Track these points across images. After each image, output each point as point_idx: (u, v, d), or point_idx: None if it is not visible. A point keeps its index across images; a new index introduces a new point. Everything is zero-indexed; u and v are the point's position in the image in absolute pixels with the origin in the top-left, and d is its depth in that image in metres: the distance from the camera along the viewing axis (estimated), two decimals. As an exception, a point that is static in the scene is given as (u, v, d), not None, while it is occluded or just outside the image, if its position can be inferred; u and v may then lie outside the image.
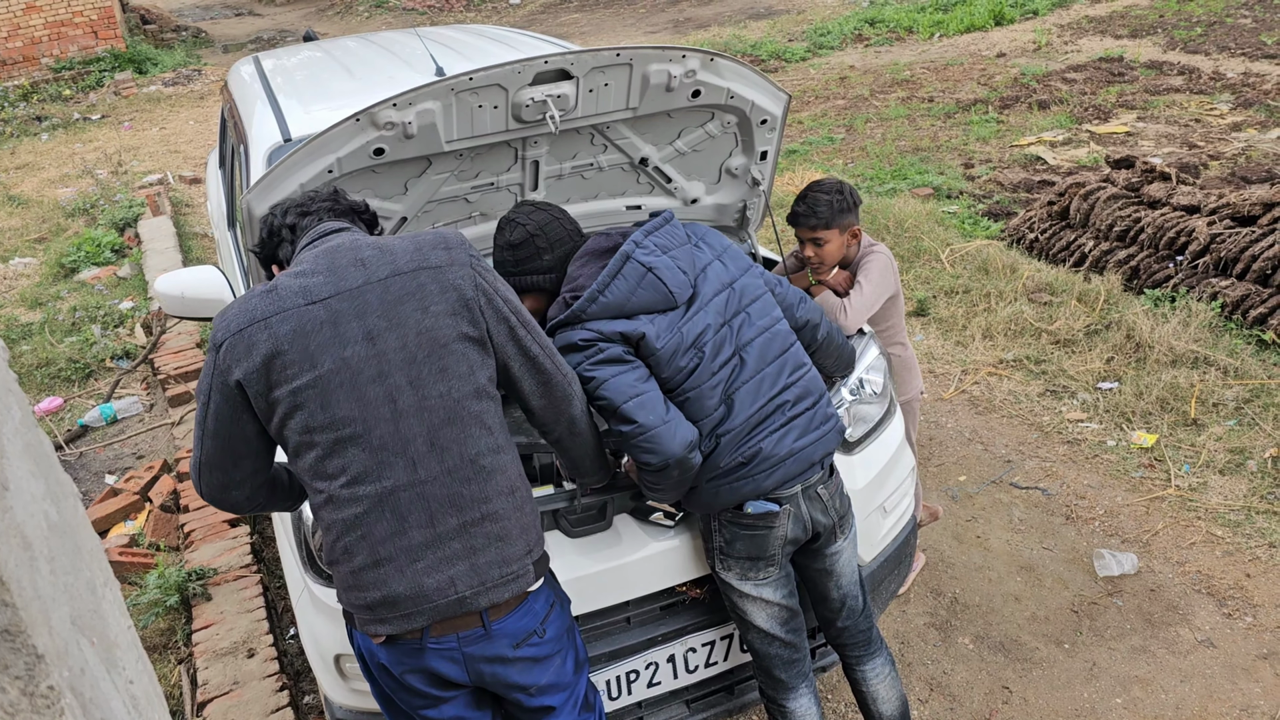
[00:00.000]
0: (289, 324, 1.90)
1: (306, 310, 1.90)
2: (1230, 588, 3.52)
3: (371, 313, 1.92)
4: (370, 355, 1.90)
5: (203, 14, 20.87)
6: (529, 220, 2.44)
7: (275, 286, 1.95)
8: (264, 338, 1.89)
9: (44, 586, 0.75)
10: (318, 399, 1.89)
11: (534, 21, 16.70)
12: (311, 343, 1.89)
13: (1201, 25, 11.49)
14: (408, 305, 1.93)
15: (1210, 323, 4.93)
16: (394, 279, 1.95)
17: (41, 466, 0.83)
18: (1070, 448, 4.37)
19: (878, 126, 9.14)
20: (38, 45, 14.48)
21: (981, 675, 3.26)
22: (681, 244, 2.39)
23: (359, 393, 1.90)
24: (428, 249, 2.00)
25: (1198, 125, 8.22)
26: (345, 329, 1.90)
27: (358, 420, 1.90)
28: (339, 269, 1.95)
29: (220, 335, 1.93)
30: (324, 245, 2.03)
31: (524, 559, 2.01)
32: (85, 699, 0.76)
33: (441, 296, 1.96)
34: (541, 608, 2.07)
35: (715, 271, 2.41)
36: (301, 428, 1.91)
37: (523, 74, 2.52)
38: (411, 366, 1.92)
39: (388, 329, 1.91)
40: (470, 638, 1.98)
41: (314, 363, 1.89)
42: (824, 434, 2.41)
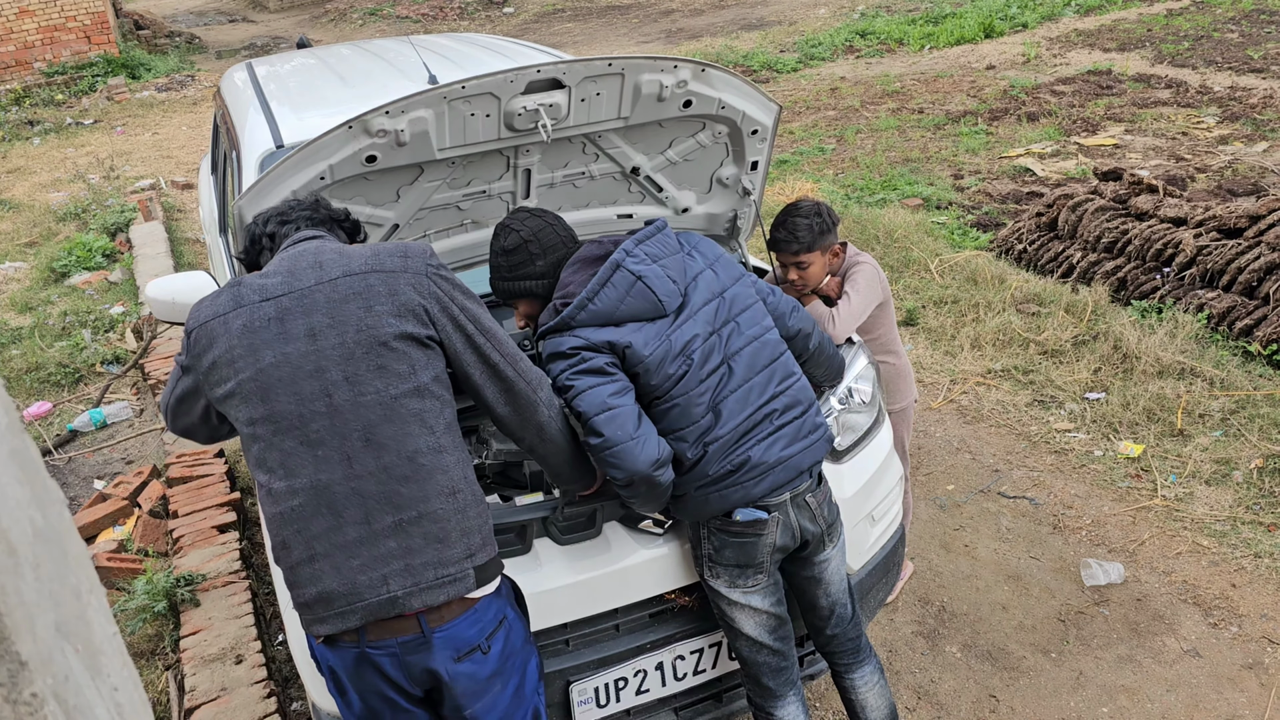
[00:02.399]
0: (241, 320, 1.98)
1: (258, 307, 1.99)
2: (1216, 598, 3.53)
3: (317, 310, 1.97)
4: (310, 351, 1.95)
5: (196, 20, 20.85)
6: (523, 226, 2.46)
7: (240, 282, 2.05)
8: (221, 332, 1.99)
9: (28, 592, 0.75)
10: (258, 392, 1.95)
11: (527, 30, 16.73)
12: (258, 338, 1.96)
13: (1189, 39, 11.58)
14: (352, 304, 1.97)
15: (1197, 334, 4.96)
16: (344, 279, 2.00)
17: (28, 472, 0.83)
18: (1058, 457, 4.39)
19: (868, 137, 9.18)
20: (30, 50, 14.44)
21: (969, 684, 3.27)
22: (673, 252, 2.40)
23: (296, 387, 1.94)
24: (385, 255, 2.05)
25: (1185, 138, 8.28)
26: (290, 325, 1.96)
27: (294, 415, 1.94)
28: (297, 271, 2.02)
29: (190, 324, 2.05)
30: (293, 250, 2.10)
31: (463, 562, 1.98)
32: (69, 706, 0.76)
33: (389, 298, 1.99)
34: (489, 621, 2.03)
35: (706, 280, 2.42)
36: (246, 419, 1.98)
37: (515, 83, 2.53)
38: (349, 363, 1.95)
39: (330, 326, 1.96)
40: (410, 644, 1.96)
41: (257, 357, 1.95)
42: (812, 442, 2.42)
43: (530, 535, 2.53)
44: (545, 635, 2.50)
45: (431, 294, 2.03)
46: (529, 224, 2.47)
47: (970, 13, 13.69)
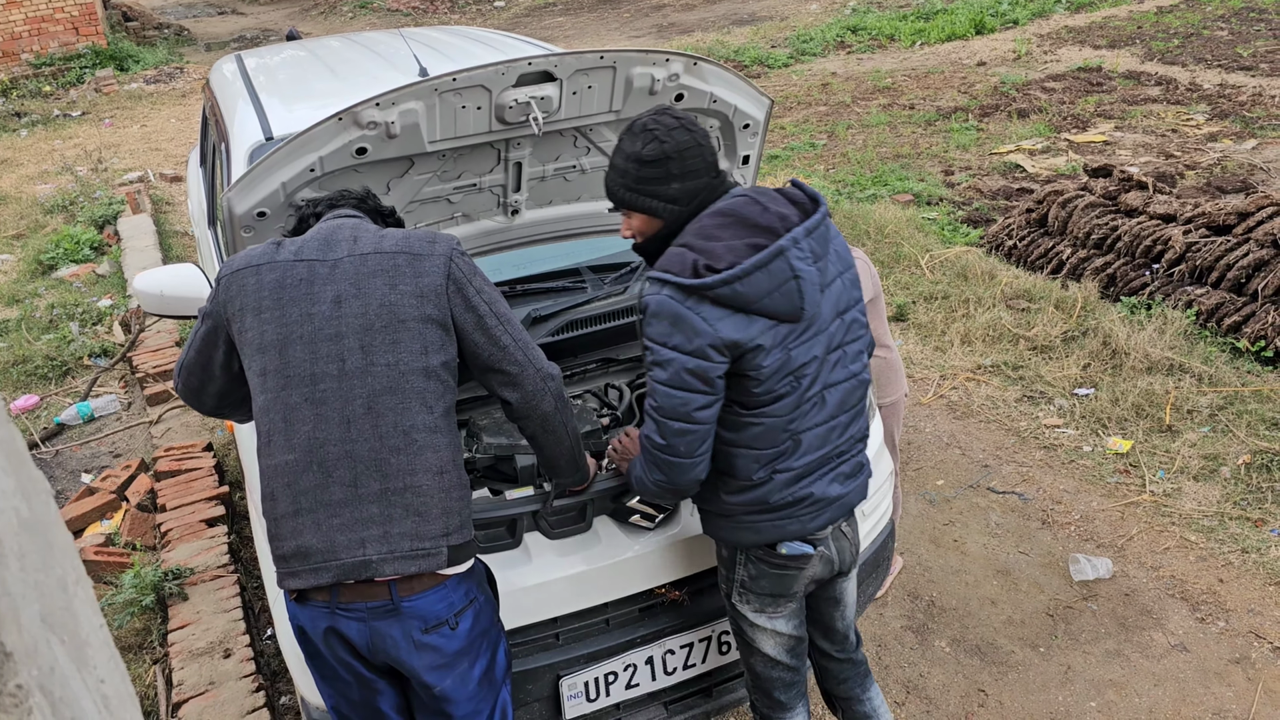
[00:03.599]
0: (275, 274, 2.07)
1: (292, 266, 2.07)
2: (1203, 592, 3.55)
3: (345, 280, 2.05)
4: (333, 316, 2.03)
5: (185, 12, 20.73)
6: (669, 138, 2.15)
7: (279, 243, 2.13)
8: (252, 282, 2.07)
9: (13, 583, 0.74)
10: (277, 344, 2.02)
11: (518, 24, 16.68)
12: (286, 295, 2.04)
13: (1179, 37, 11.62)
14: (378, 279, 2.05)
15: (1185, 330, 4.98)
16: (374, 255, 2.08)
17: (12, 462, 0.82)
18: (1047, 453, 4.40)
19: (859, 133, 9.19)
20: (18, 41, 14.34)
21: (958, 678, 3.28)
22: (827, 254, 2.20)
23: (314, 347, 2.01)
24: (415, 239, 2.12)
25: (1174, 135, 8.31)
26: (318, 289, 2.05)
27: (306, 372, 2.01)
28: (332, 242, 2.11)
29: (223, 271, 2.12)
30: (331, 223, 2.19)
31: (439, 539, 2.01)
32: (54, 698, 0.76)
33: (413, 279, 2.06)
34: (459, 599, 2.07)
35: (835, 293, 2.21)
36: (259, 369, 2.04)
37: (506, 75, 2.52)
38: (367, 334, 2.02)
39: (354, 296, 2.04)
40: (378, 609, 2.00)
41: (284, 312, 2.04)
42: (863, 479, 2.38)
43: (520, 529, 2.53)
44: (535, 629, 2.50)
45: (451, 276, 2.08)
46: (677, 136, 2.16)
47: (961, 9, 13.71)
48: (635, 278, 3.35)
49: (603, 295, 3.22)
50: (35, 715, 0.68)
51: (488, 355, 2.11)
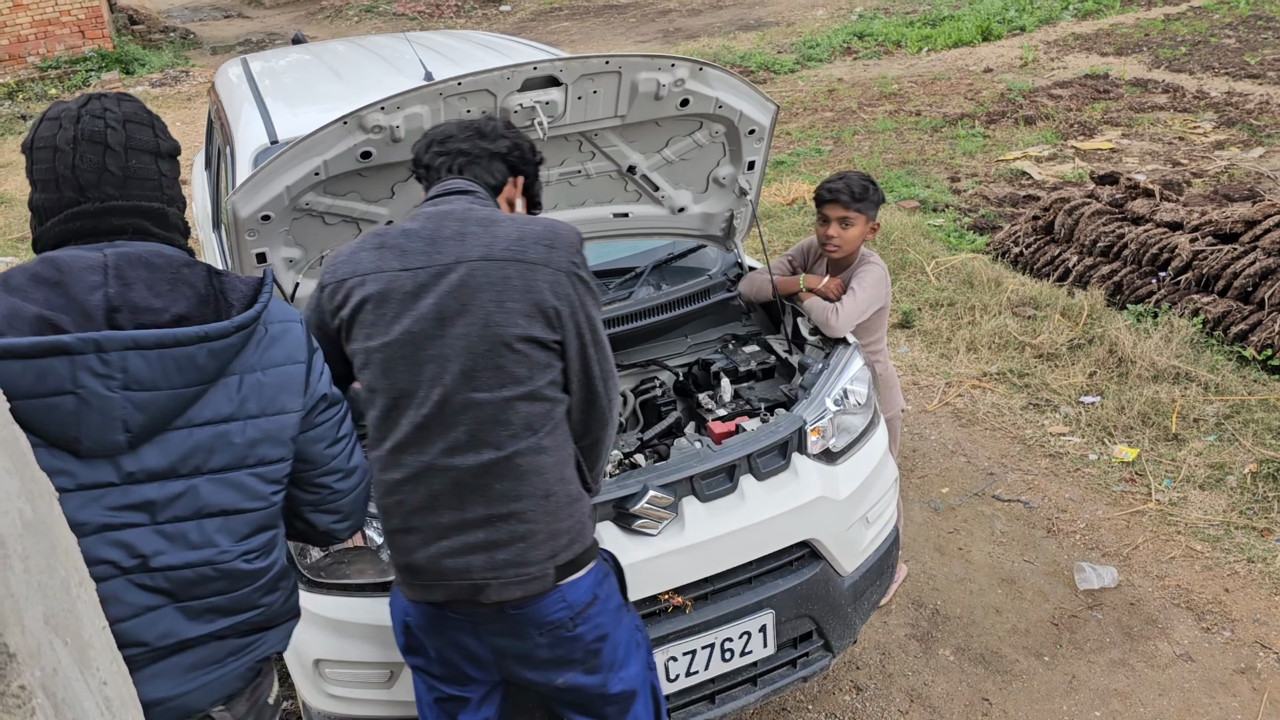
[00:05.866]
0: (379, 285, 1.99)
1: (397, 276, 1.98)
2: (1209, 602, 3.54)
3: (450, 292, 1.95)
4: (435, 335, 1.95)
5: (191, 15, 20.80)
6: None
7: (384, 243, 2.03)
8: (357, 295, 2.00)
9: (17, 584, 0.74)
10: (382, 364, 1.98)
11: (524, 29, 16.71)
12: (390, 310, 1.97)
13: (1186, 44, 11.61)
14: (485, 294, 1.95)
15: (1192, 339, 4.97)
16: (482, 264, 1.96)
17: (17, 464, 0.82)
18: (1052, 461, 4.39)
19: (865, 139, 9.19)
20: (24, 44, 14.39)
21: (962, 687, 3.26)
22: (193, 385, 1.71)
23: (417, 370, 1.97)
24: (530, 242, 1.99)
25: (1181, 143, 8.30)
26: (422, 303, 1.96)
27: (409, 396, 1.98)
28: (439, 240, 2.00)
29: (326, 278, 2.06)
30: (440, 207, 2.07)
31: (544, 563, 2.02)
32: (57, 699, 0.75)
33: (523, 295, 1.96)
34: (579, 600, 2.07)
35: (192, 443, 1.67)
36: (368, 384, 2.03)
37: (511, 80, 2.52)
38: (469, 357, 1.95)
39: (459, 314, 1.95)
40: (488, 616, 2.04)
41: (386, 329, 1.97)
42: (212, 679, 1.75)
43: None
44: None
45: (566, 297, 1.99)
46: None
47: (968, 16, 13.71)
48: (640, 283, 3.35)
49: (606, 300, 3.22)
50: (38, 716, 0.68)
51: (575, 382, 2.08)
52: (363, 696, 2.49)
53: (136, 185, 1.66)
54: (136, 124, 1.69)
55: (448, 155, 2.14)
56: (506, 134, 2.19)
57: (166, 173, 1.72)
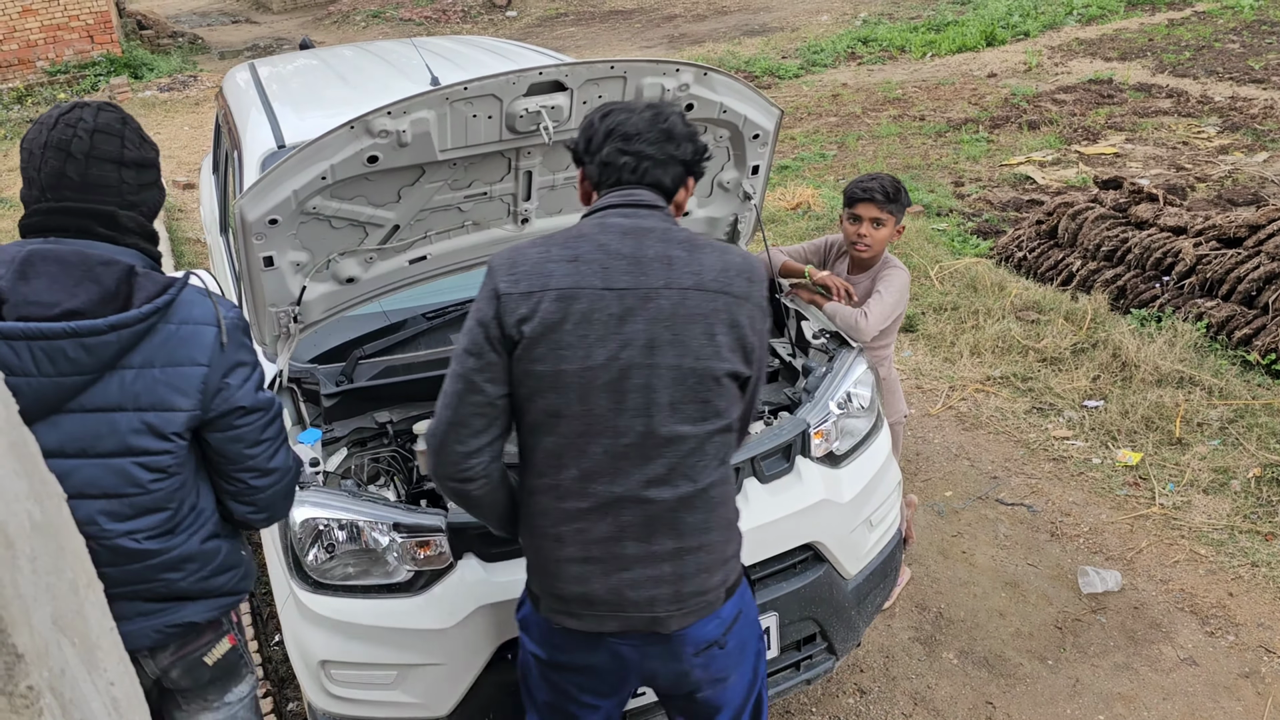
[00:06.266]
0: (582, 304, 1.84)
1: (601, 295, 1.85)
2: (1213, 606, 3.53)
3: (661, 321, 1.86)
4: (644, 364, 1.86)
5: (200, 21, 20.87)
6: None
7: (578, 256, 1.87)
8: (551, 311, 1.84)
9: (25, 585, 0.75)
10: (578, 389, 1.86)
11: (530, 34, 16.75)
12: (594, 332, 1.84)
13: (1190, 49, 11.60)
14: (697, 326, 1.87)
15: (1196, 343, 4.97)
16: (694, 293, 1.88)
17: (25, 465, 0.83)
18: (1056, 465, 4.39)
19: (869, 144, 9.19)
20: (33, 49, 14.45)
21: (965, 690, 3.26)
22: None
23: (620, 399, 1.87)
24: (734, 274, 1.92)
25: (1185, 148, 8.29)
26: (631, 329, 1.85)
27: (609, 425, 1.88)
28: (644, 261, 1.88)
29: (506, 287, 1.87)
30: (634, 221, 1.93)
31: (719, 589, 2.02)
32: (65, 699, 0.76)
33: (730, 330, 1.90)
34: (728, 617, 2.06)
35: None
36: (550, 410, 1.88)
37: (517, 84, 2.54)
38: (677, 388, 1.88)
39: (670, 344, 1.86)
40: (650, 638, 2.00)
41: (589, 353, 1.84)
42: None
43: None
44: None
45: (759, 332, 1.97)
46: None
47: (972, 21, 13.72)
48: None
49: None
50: (46, 716, 0.69)
51: (745, 406, 2.05)
52: (368, 698, 2.50)
53: (94, 191, 1.83)
54: (105, 134, 1.85)
55: (633, 156, 1.96)
56: (691, 139, 2.02)
57: (129, 180, 1.88)
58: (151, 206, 1.96)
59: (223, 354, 1.86)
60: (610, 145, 1.96)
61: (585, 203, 2.08)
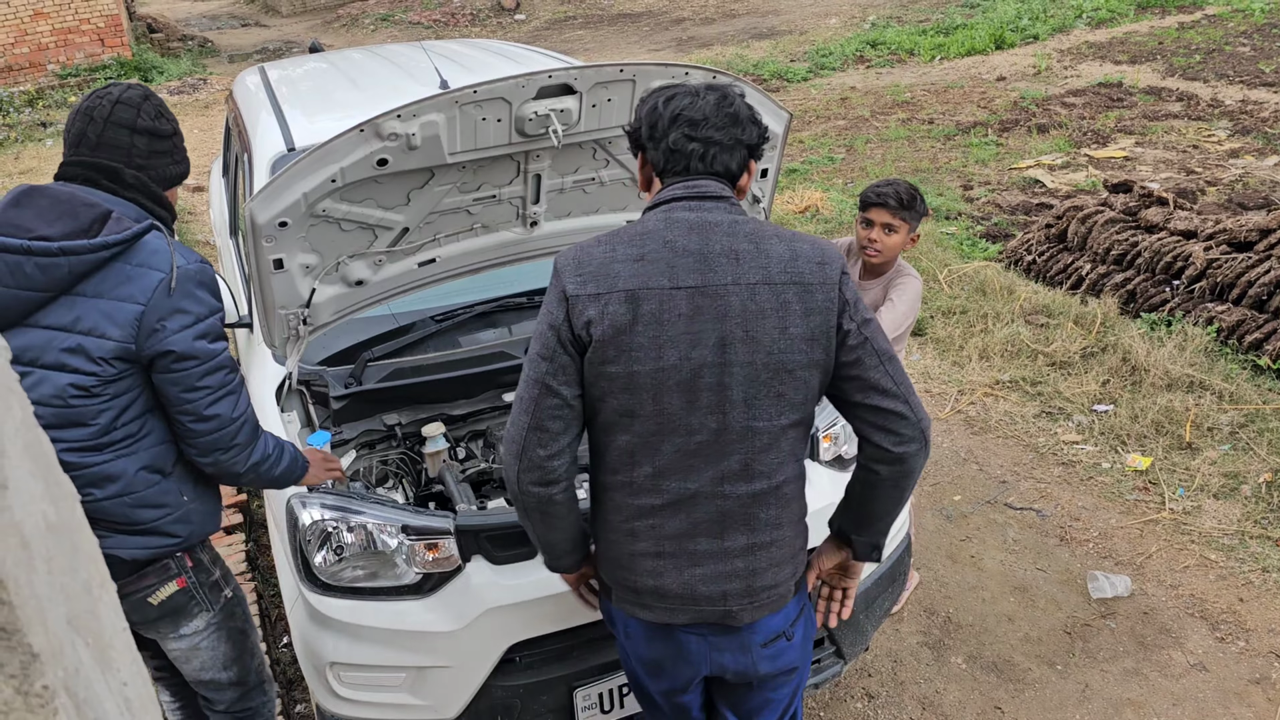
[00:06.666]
0: (650, 304, 1.84)
1: (670, 295, 1.85)
2: (1223, 612, 3.52)
3: (731, 317, 1.85)
4: (716, 362, 1.86)
5: (209, 24, 20.96)
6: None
7: (644, 255, 1.87)
8: (620, 313, 1.84)
9: (40, 586, 0.75)
10: (651, 389, 1.87)
11: (539, 37, 16.78)
12: (664, 332, 1.85)
13: (1200, 52, 11.57)
14: (769, 320, 1.86)
15: (1206, 347, 4.95)
16: (761, 287, 1.86)
17: (40, 466, 0.84)
18: (1065, 469, 4.37)
19: (878, 147, 9.18)
20: (44, 52, 14.53)
21: (974, 695, 3.25)
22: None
23: (694, 397, 1.87)
24: (804, 262, 1.89)
25: (1195, 151, 8.27)
26: (701, 328, 1.85)
27: (683, 422, 1.89)
28: (710, 257, 1.87)
29: (573, 289, 1.87)
30: (700, 215, 1.90)
31: (789, 582, 2.04)
32: (79, 699, 0.77)
33: (803, 319, 1.87)
34: (794, 611, 2.09)
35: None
36: (623, 410, 1.90)
37: (526, 88, 2.54)
38: (752, 385, 1.88)
39: (742, 340, 1.86)
40: (719, 629, 2.04)
41: (660, 353, 1.85)
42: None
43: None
44: (550, 640, 2.50)
45: (843, 310, 1.90)
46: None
47: (981, 24, 13.70)
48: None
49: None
50: (61, 715, 0.69)
51: (865, 394, 1.93)
52: (376, 700, 2.51)
53: (105, 149, 2.15)
54: (124, 105, 2.17)
55: (701, 143, 1.91)
56: (754, 121, 1.97)
57: (139, 145, 2.18)
58: (161, 173, 2.23)
59: (167, 299, 2.06)
60: (677, 131, 1.92)
61: (644, 188, 2.05)
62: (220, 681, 2.52)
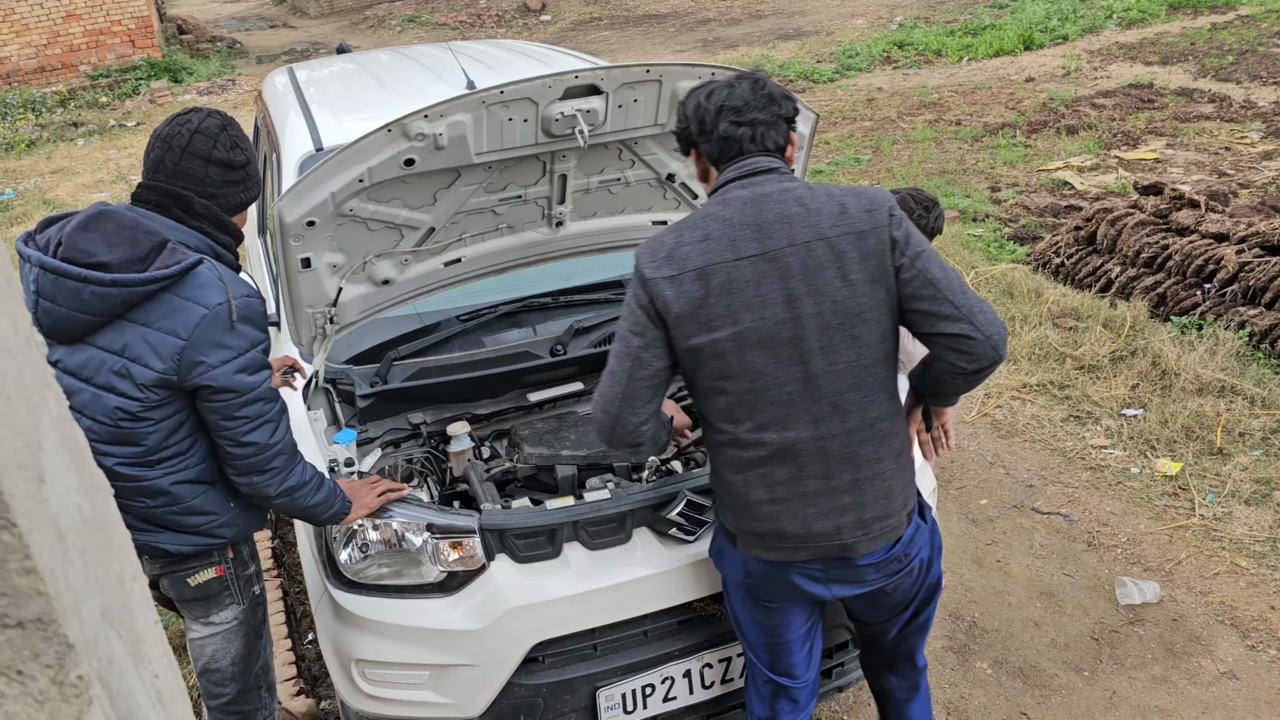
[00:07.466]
0: (719, 278, 2.04)
1: (735, 266, 2.04)
2: (1254, 619, 3.47)
3: (793, 276, 2.04)
4: (788, 318, 2.04)
5: (238, 25, 21.16)
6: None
7: (707, 235, 2.07)
8: (695, 288, 2.05)
9: (76, 578, 0.76)
10: (735, 352, 2.06)
11: (564, 38, 16.82)
12: (735, 300, 2.04)
13: (1233, 53, 11.42)
14: (828, 272, 2.04)
15: (1237, 351, 4.88)
16: (816, 244, 2.04)
17: (76, 460, 0.85)
18: (1093, 474, 4.33)
19: (904, 148, 9.13)
20: (76, 53, 14.72)
21: (1000, 701, 3.23)
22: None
23: (775, 352, 2.06)
24: (853, 212, 2.07)
25: (1228, 153, 8.16)
26: (767, 289, 2.04)
27: (770, 377, 2.07)
28: (765, 225, 2.06)
29: (649, 273, 2.08)
30: (752, 190, 2.10)
31: (900, 513, 2.21)
32: (112, 690, 0.77)
33: (862, 264, 2.04)
34: (908, 535, 2.26)
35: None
36: (715, 375, 2.09)
37: (553, 88, 2.55)
38: (825, 333, 2.05)
39: (807, 294, 2.04)
40: (839, 563, 2.21)
41: (735, 319, 2.04)
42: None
43: (560, 539, 2.54)
44: (573, 640, 2.50)
45: (895, 248, 2.06)
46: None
47: (1010, 25, 13.59)
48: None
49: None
50: (95, 706, 0.70)
51: (932, 323, 2.08)
52: (400, 697, 2.52)
53: (181, 178, 2.23)
54: (202, 135, 2.24)
55: (748, 126, 2.12)
56: (786, 96, 2.19)
57: (213, 176, 2.26)
58: (231, 201, 2.33)
59: (207, 334, 2.13)
60: (724, 121, 2.12)
61: (703, 179, 2.25)
62: (225, 676, 2.59)
